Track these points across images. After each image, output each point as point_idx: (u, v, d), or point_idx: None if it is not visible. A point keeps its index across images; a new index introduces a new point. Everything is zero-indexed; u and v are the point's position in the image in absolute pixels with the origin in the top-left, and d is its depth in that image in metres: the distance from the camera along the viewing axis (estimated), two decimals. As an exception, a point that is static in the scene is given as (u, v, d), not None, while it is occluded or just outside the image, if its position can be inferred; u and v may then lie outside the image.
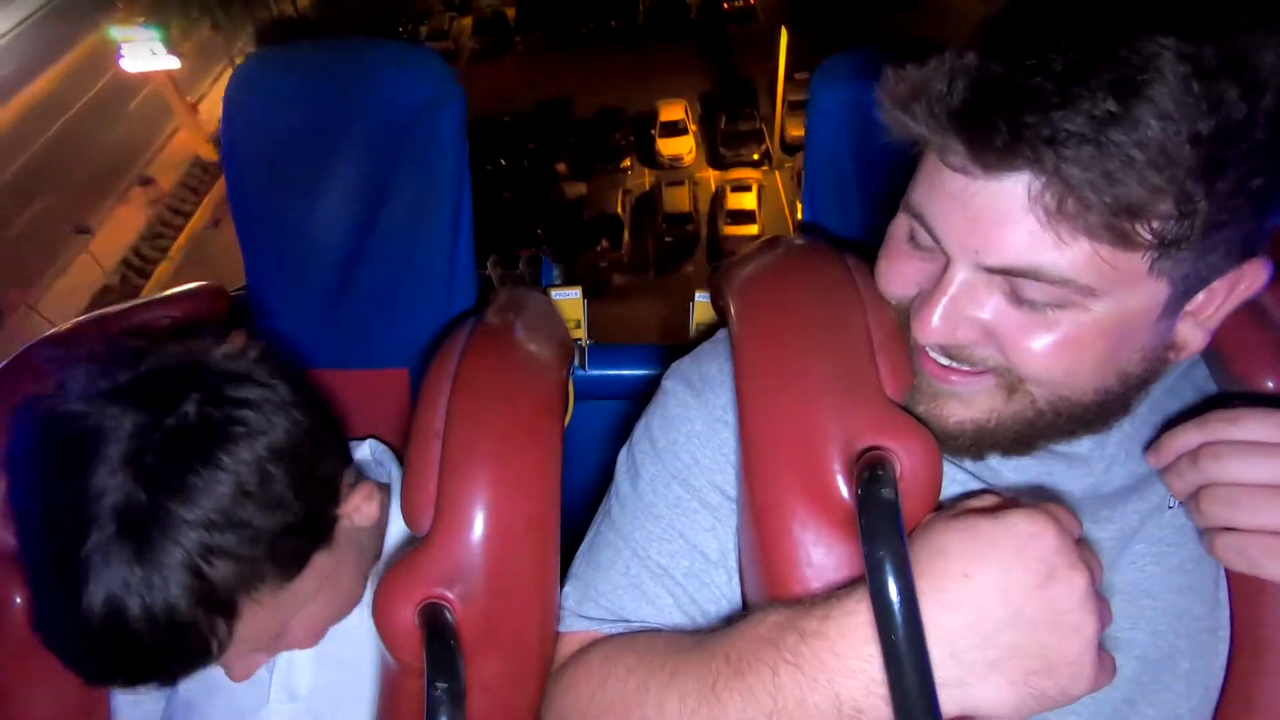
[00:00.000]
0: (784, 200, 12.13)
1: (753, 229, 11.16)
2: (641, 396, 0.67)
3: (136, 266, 12.54)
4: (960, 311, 0.48)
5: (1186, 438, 0.52)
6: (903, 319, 0.54)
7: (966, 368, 0.50)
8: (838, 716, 0.43)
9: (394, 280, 0.78)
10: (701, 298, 0.85)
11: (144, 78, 14.06)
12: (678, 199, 11.94)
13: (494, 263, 0.90)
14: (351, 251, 0.77)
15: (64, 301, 11.48)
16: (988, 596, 0.42)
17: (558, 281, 0.92)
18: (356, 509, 0.63)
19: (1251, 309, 0.57)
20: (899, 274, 0.54)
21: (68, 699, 0.65)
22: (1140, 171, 0.38)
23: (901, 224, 0.52)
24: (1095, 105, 0.38)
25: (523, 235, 11.60)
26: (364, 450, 0.76)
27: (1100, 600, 0.43)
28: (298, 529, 0.55)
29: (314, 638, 0.64)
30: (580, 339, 0.90)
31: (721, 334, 0.65)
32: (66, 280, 12.06)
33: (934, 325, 0.48)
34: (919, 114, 0.44)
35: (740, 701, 0.45)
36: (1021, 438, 0.52)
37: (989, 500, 0.47)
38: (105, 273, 12.00)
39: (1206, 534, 0.52)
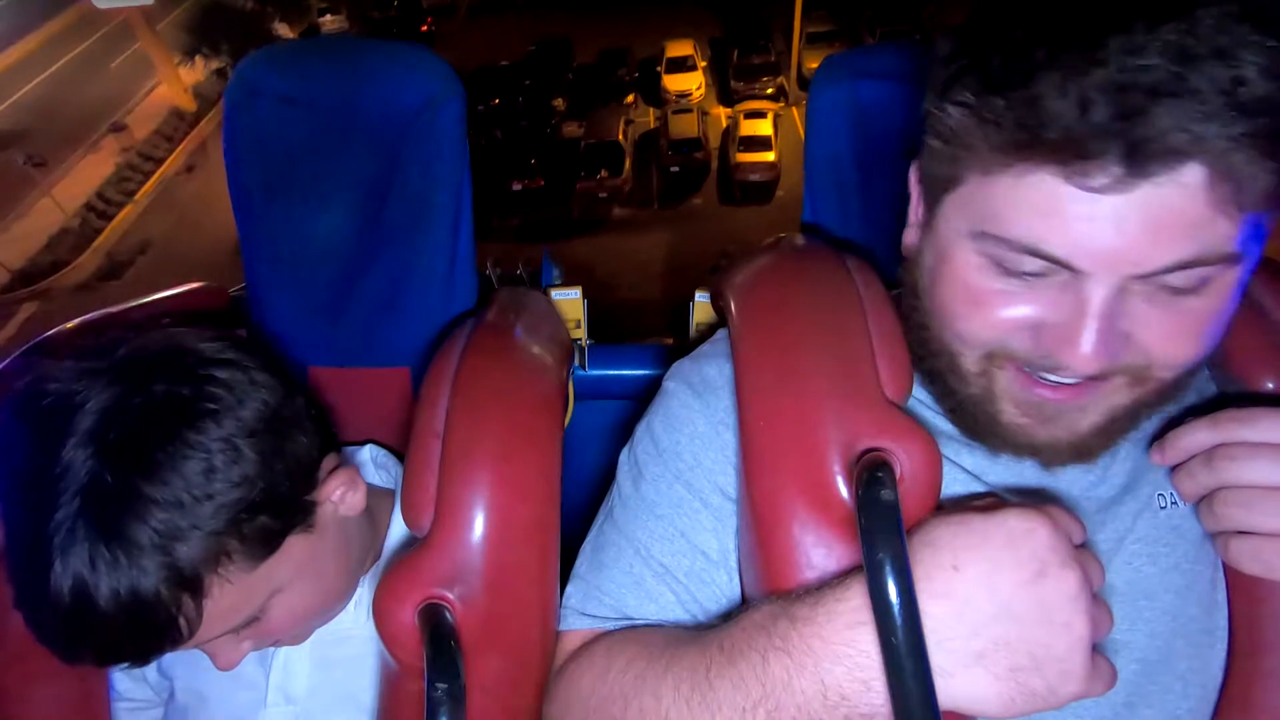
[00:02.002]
0: (802, 133, 11.51)
1: (769, 155, 10.45)
2: (641, 396, 0.68)
3: (99, 210, 12.16)
4: (1112, 329, 0.45)
5: (1198, 437, 0.51)
6: (994, 359, 0.50)
7: (1086, 380, 0.48)
8: (823, 702, 0.43)
9: (394, 279, 0.78)
10: (701, 298, 0.85)
11: (128, 31, 13.47)
12: (686, 124, 11.19)
13: (494, 263, 0.89)
14: (352, 251, 0.77)
15: (18, 245, 11.29)
16: (975, 588, 0.42)
17: (558, 281, 0.91)
18: (341, 498, 0.63)
19: (1251, 309, 0.58)
20: (995, 315, 0.48)
21: (69, 701, 0.66)
22: None
23: (972, 260, 0.48)
24: (1244, 85, 0.38)
25: (516, 167, 10.96)
26: (364, 454, 0.76)
27: (1097, 604, 0.43)
28: (267, 508, 0.54)
29: (297, 627, 0.63)
30: (580, 339, 0.90)
31: (721, 334, 0.65)
32: (24, 223, 11.77)
33: (1090, 354, 0.45)
34: (1033, 147, 0.42)
35: (730, 688, 0.46)
36: (1132, 425, 0.52)
37: (989, 500, 0.48)
38: (65, 215, 11.68)
39: (1219, 537, 0.52)
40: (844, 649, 0.43)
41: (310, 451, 0.60)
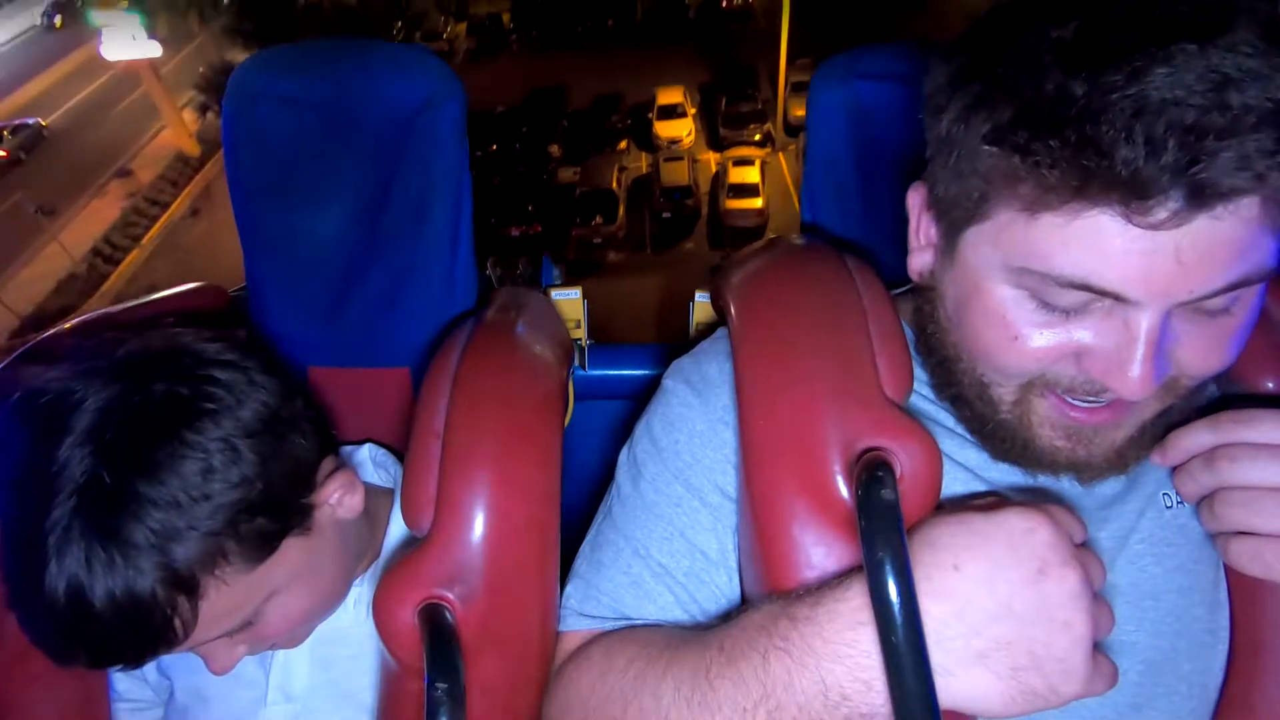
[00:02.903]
0: (788, 180, 11.82)
1: (756, 202, 10.76)
2: (641, 396, 0.67)
3: (105, 254, 12.31)
4: (1160, 354, 0.44)
5: (1198, 438, 0.51)
6: (1032, 388, 0.50)
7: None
8: (824, 702, 0.43)
9: (394, 279, 0.78)
10: (701, 298, 0.85)
11: (134, 76, 13.84)
12: (676, 172, 11.54)
13: (494, 263, 0.89)
14: (352, 251, 0.77)
15: (27, 289, 11.42)
16: (975, 588, 0.42)
17: (558, 281, 0.91)
18: (338, 500, 0.62)
19: None
20: (1036, 346, 0.47)
21: (69, 701, 0.65)
22: None
23: (1008, 294, 0.47)
24: None
25: (513, 213, 11.24)
26: (363, 454, 0.76)
27: (1098, 603, 0.43)
28: (265, 509, 0.54)
29: (292, 630, 0.63)
30: (580, 339, 0.90)
31: (721, 333, 0.65)
32: (32, 269, 11.91)
33: (1140, 380, 0.44)
34: (1094, 189, 0.41)
35: (731, 688, 0.46)
36: (1162, 432, 0.52)
37: (989, 500, 0.47)
38: (73, 261, 11.84)
39: (1220, 538, 0.52)
40: (845, 649, 0.43)
41: (309, 454, 0.59)
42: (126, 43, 12.80)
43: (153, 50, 13.01)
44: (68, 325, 0.72)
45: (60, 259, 11.84)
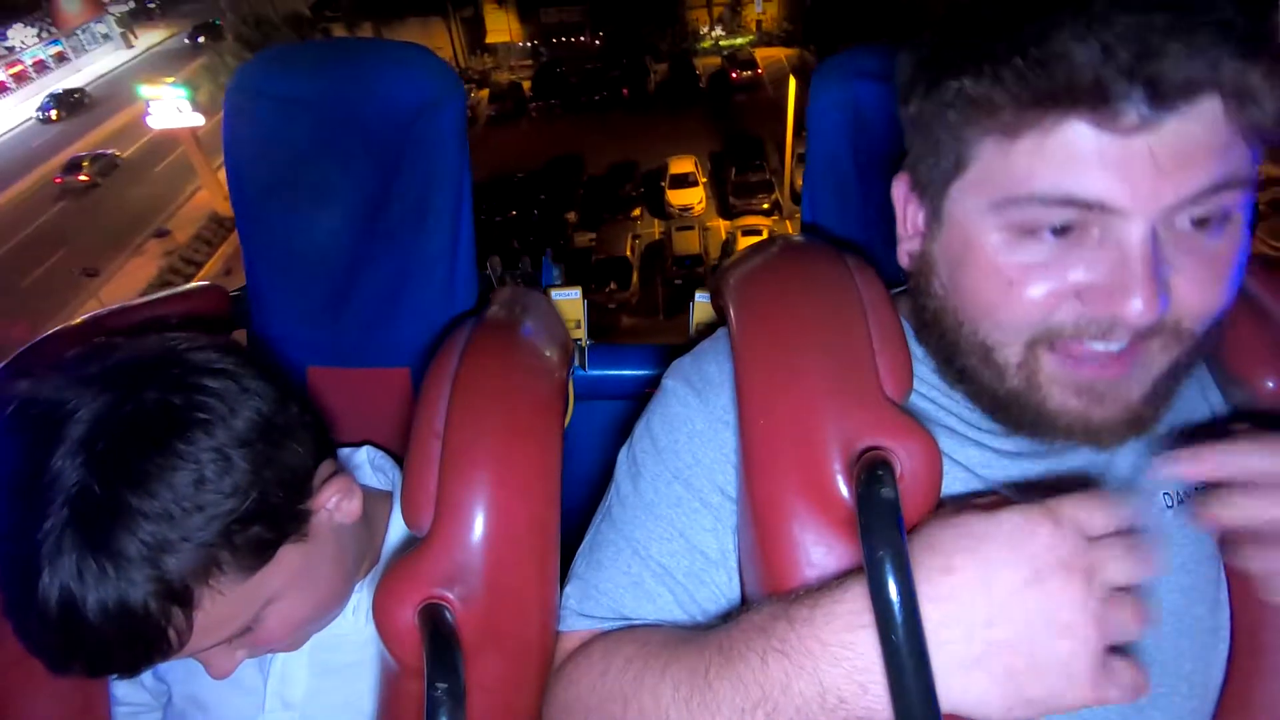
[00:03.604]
0: None
1: None
2: (641, 396, 0.67)
3: None
4: (1158, 275, 0.44)
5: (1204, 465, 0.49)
6: (1037, 345, 0.49)
7: (1126, 344, 0.48)
8: (821, 704, 0.42)
9: (395, 280, 0.79)
10: (701, 298, 0.86)
11: (173, 141, 14.71)
12: (688, 241, 12.06)
13: (494, 263, 0.90)
14: (352, 251, 0.78)
15: None
16: (971, 591, 0.41)
17: (558, 282, 0.92)
18: (336, 506, 0.62)
19: (1251, 307, 0.58)
20: (1034, 292, 0.48)
21: (69, 706, 0.65)
22: None
23: (995, 238, 0.48)
24: (1242, 17, 0.41)
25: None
26: (361, 456, 0.76)
27: (1116, 605, 0.41)
28: (260, 518, 0.53)
29: (291, 635, 0.62)
30: (580, 339, 0.90)
31: (721, 332, 0.65)
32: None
33: (1144, 302, 0.44)
34: (1062, 98, 0.43)
35: (730, 689, 0.45)
36: (1176, 387, 0.51)
37: (991, 499, 0.46)
38: None
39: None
40: (842, 651, 0.42)
41: (304, 460, 0.59)
42: (172, 114, 13.67)
43: (196, 120, 13.80)
44: (65, 327, 0.72)
45: None
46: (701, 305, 0.86)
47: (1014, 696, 0.40)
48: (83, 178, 15.71)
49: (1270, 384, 0.56)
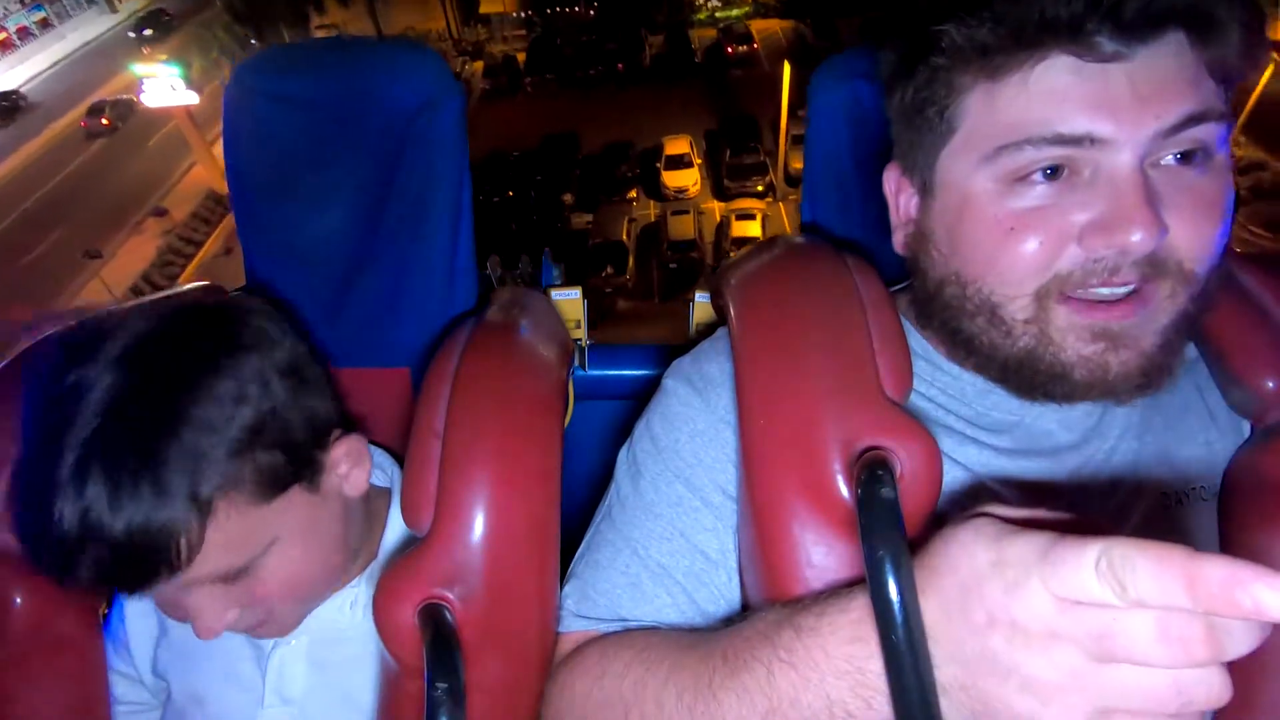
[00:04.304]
0: (788, 229, 12.11)
1: None
2: (641, 396, 0.67)
3: (145, 293, 12.70)
4: (1151, 200, 0.46)
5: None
6: (1046, 296, 0.49)
7: (1134, 288, 0.48)
8: (829, 717, 0.41)
9: (395, 279, 0.78)
10: (701, 298, 0.86)
11: (165, 115, 14.53)
12: (683, 226, 12.06)
13: (494, 263, 0.90)
14: (352, 251, 0.78)
15: None
16: (933, 624, 0.38)
17: (558, 281, 0.92)
18: (346, 472, 0.63)
19: (1251, 307, 0.58)
20: (1035, 238, 0.49)
21: (69, 703, 0.65)
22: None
23: (990, 189, 0.50)
24: None
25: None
26: None
27: (1109, 667, 0.32)
28: (283, 447, 0.56)
29: (284, 598, 0.61)
30: (580, 339, 0.90)
31: (721, 332, 0.65)
32: (77, 306, 12.38)
33: (1145, 224, 0.45)
34: (1043, 30, 0.46)
35: (736, 700, 0.45)
36: (1186, 336, 0.52)
37: (981, 521, 0.38)
38: (115, 299, 12.20)
39: None
40: (845, 664, 0.42)
41: (327, 414, 0.62)
42: (166, 92, 13.62)
43: (190, 99, 13.74)
44: (64, 327, 0.72)
45: (103, 297, 12.16)
46: (701, 305, 0.86)
47: None
48: (104, 121, 16.79)
49: (1270, 384, 0.55)
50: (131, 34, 21.82)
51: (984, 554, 0.36)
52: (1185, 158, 0.47)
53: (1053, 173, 0.48)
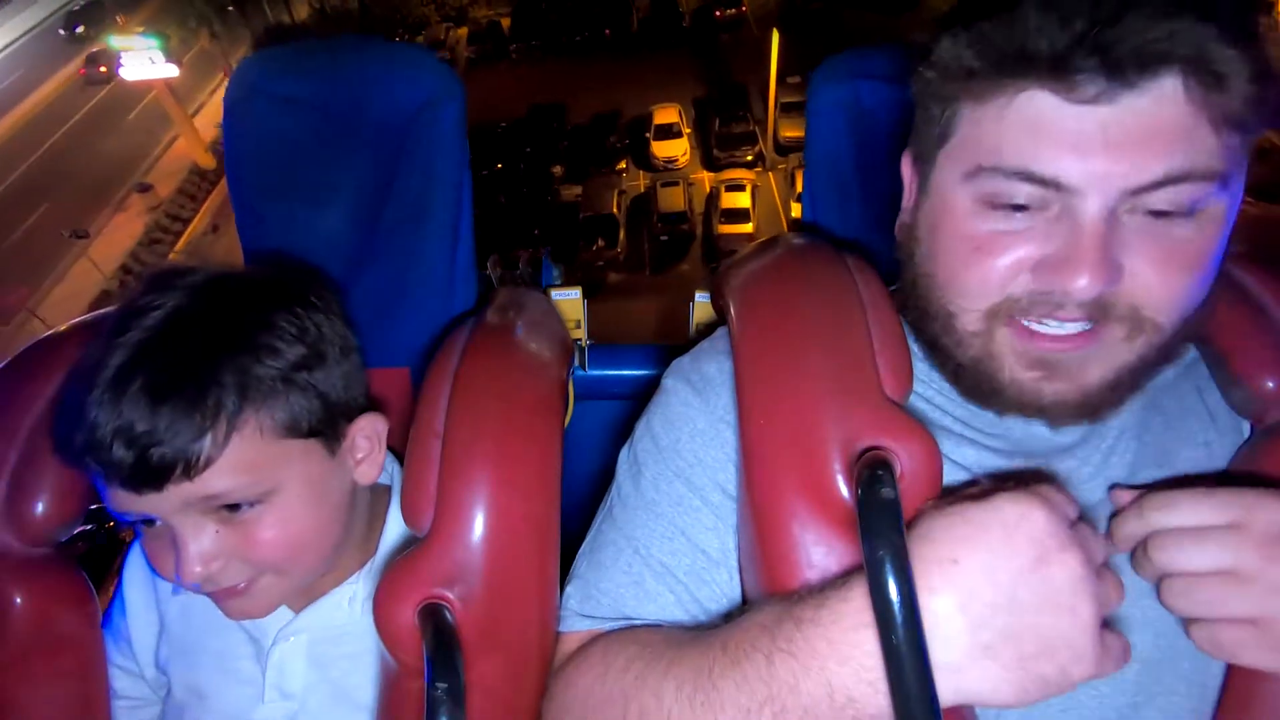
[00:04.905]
0: (778, 199, 12.04)
1: (747, 227, 11.18)
2: (641, 396, 0.67)
3: (135, 271, 12.57)
4: (1105, 255, 0.45)
5: (1130, 527, 0.49)
6: (997, 316, 0.50)
7: (1086, 326, 0.48)
8: (830, 704, 0.42)
9: (395, 279, 0.78)
10: (701, 298, 0.86)
11: (144, 88, 14.16)
12: (673, 198, 11.98)
13: (494, 263, 0.90)
14: (352, 251, 0.78)
15: (64, 306, 11.53)
16: (976, 581, 0.41)
17: (558, 281, 0.92)
18: (363, 456, 0.65)
19: (1251, 308, 0.58)
20: (996, 261, 0.49)
21: (69, 701, 0.65)
22: (1268, 46, 0.42)
23: (967, 205, 0.50)
24: None
25: (520, 236, 11.64)
26: None
27: (1102, 579, 0.43)
28: (318, 394, 0.60)
29: (276, 553, 0.60)
30: (580, 339, 0.90)
31: (721, 332, 0.65)
32: (66, 286, 12.15)
33: (1088, 276, 0.45)
34: (1023, 62, 0.45)
35: (735, 689, 0.45)
36: (1137, 385, 0.51)
37: (981, 488, 0.46)
38: (105, 277, 12.07)
39: (1184, 622, 0.49)
40: (849, 650, 0.42)
41: (359, 390, 0.65)
42: (145, 65, 13.32)
43: (170, 71, 13.45)
44: (64, 327, 0.72)
45: (92, 275, 12.02)
46: (701, 305, 0.86)
47: (1026, 680, 0.41)
48: (102, 69, 16.38)
49: (1270, 384, 0.55)
50: (62, 31, 18.91)
51: (1005, 506, 0.42)
52: (1161, 214, 0.46)
53: (1023, 206, 0.48)
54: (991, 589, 0.41)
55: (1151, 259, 0.46)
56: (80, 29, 18.74)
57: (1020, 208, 0.48)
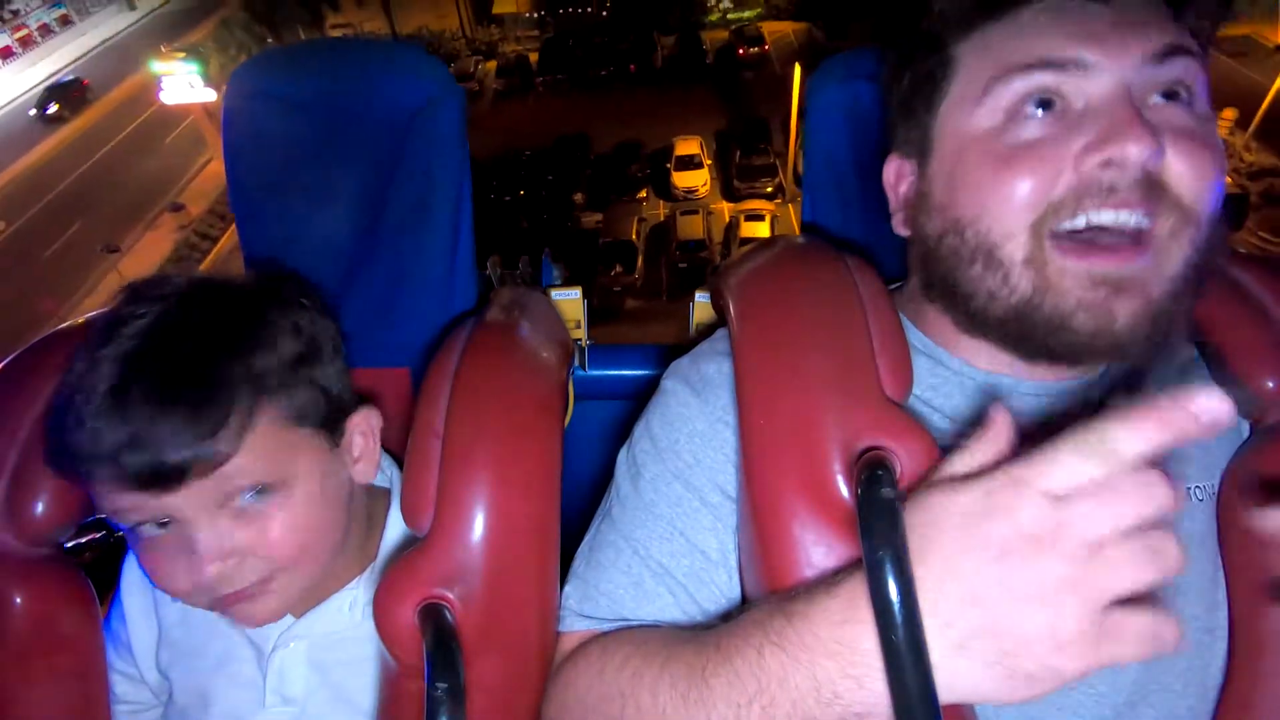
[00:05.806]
0: (797, 230, 12.16)
1: None
2: (641, 396, 0.67)
3: None
4: (1143, 116, 0.48)
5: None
6: (1042, 227, 0.50)
7: (1142, 219, 0.48)
8: (817, 698, 0.42)
9: (394, 280, 0.79)
10: (701, 298, 0.85)
11: (183, 112, 14.73)
12: (692, 226, 12.18)
13: (494, 263, 0.90)
14: (352, 251, 0.78)
15: None
16: (940, 578, 0.39)
17: (558, 282, 0.92)
18: (359, 454, 0.66)
19: (1251, 307, 0.58)
20: (1031, 165, 0.50)
21: (69, 703, 0.65)
22: None
23: (985, 126, 0.52)
24: None
25: (537, 258, 12.01)
26: None
27: (1099, 559, 0.37)
28: (319, 387, 0.61)
29: (286, 549, 0.60)
30: (580, 339, 0.90)
31: (720, 333, 0.65)
32: (95, 299, 12.49)
33: (1140, 135, 0.47)
34: None
35: (726, 685, 0.45)
36: (1196, 287, 0.51)
37: (953, 474, 0.43)
38: None
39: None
40: (835, 645, 0.42)
41: (350, 393, 0.66)
42: (184, 90, 13.80)
43: (208, 96, 13.92)
44: (68, 325, 0.72)
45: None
46: (701, 305, 0.86)
47: (1010, 676, 0.38)
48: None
49: (1270, 384, 0.55)
50: (32, 111, 17.40)
51: (964, 497, 0.40)
52: (1171, 96, 0.50)
53: (1046, 106, 0.50)
54: (956, 587, 0.39)
55: (1178, 141, 0.48)
56: (52, 108, 17.48)
57: (1045, 104, 0.50)
